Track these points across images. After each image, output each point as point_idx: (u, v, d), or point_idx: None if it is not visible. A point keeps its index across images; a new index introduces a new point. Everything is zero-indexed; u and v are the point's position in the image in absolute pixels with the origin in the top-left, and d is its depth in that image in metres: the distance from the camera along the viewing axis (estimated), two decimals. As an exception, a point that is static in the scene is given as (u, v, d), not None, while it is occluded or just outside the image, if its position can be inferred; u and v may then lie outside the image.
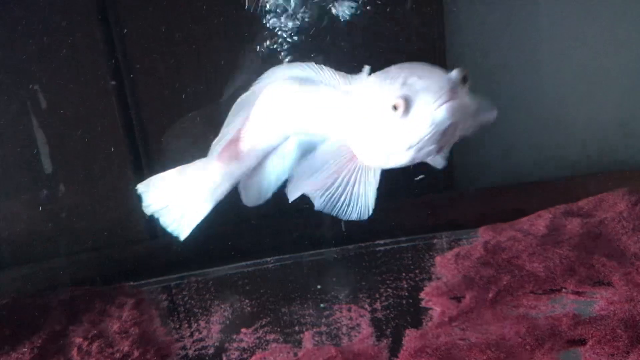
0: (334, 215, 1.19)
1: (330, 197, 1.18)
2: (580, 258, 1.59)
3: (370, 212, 1.18)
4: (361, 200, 1.17)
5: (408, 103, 1.00)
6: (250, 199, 1.45)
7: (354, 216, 1.18)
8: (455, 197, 2.07)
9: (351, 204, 1.17)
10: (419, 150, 1.05)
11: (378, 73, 1.13)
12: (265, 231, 1.92)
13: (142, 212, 1.61)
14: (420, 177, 1.81)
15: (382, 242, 1.86)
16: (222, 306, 1.65)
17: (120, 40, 1.81)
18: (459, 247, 1.76)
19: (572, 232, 1.71)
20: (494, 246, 1.71)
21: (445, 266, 1.68)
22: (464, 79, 1.02)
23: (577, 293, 1.47)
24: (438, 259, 1.73)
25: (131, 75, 1.85)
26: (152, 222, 1.98)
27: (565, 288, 1.49)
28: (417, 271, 1.69)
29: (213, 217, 1.94)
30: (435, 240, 1.85)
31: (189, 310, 1.66)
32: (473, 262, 1.66)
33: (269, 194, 1.42)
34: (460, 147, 2.01)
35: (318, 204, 1.19)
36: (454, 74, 1.02)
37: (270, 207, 1.93)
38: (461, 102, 0.99)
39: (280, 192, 1.89)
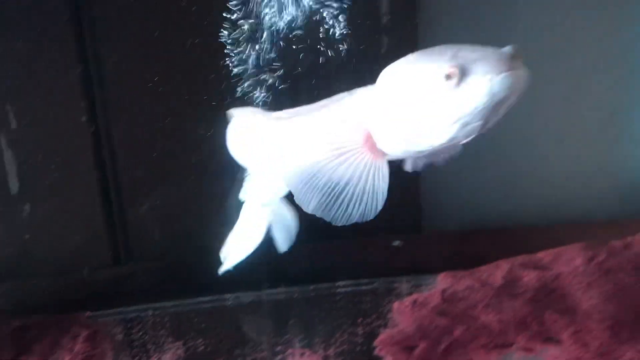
0: (328, 219, 1.05)
1: (331, 197, 1.05)
2: (533, 312, 1.61)
3: (378, 210, 1.05)
4: (369, 197, 1.04)
5: (464, 71, 0.93)
6: None
7: (355, 217, 1.04)
8: (420, 240, 2.10)
9: (357, 204, 1.03)
10: (464, 125, 0.97)
11: (406, 57, 1.05)
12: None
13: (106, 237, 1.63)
14: (397, 243, 1.84)
15: (343, 283, 1.87)
16: (176, 344, 1.64)
17: (95, 68, 1.83)
18: (418, 294, 1.78)
19: (528, 285, 1.74)
20: (452, 295, 1.73)
21: (403, 313, 1.69)
22: (516, 55, 0.96)
23: (527, 349, 1.49)
24: (396, 304, 1.74)
25: (105, 103, 1.86)
26: (115, 248, 2.01)
27: (516, 343, 1.51)
28: (374, 316, 1.70)
29: (173, 247, 1.98)
30: (395, 285, 1.87)
31: (143, 346, 1.64)
32: (429, 310, 1.68)
33: None
34: (429, 189, 2.10)
35: (312, 206, 1.05)
36: (509, 48, 0.96)
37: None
38: (521, 72, 0.93)
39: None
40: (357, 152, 1.06)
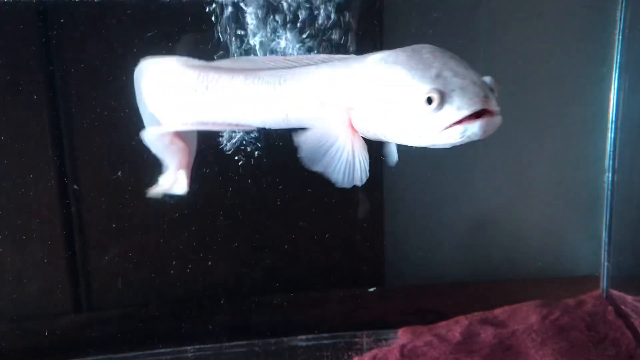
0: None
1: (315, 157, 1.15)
2: (489, 370, 1.65)
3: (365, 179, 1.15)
4: (347, 170, 1.14)
5: (443, 99, 0.98)
6: None
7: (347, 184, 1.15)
8: (383, 293, 2.13)
9: (335, 173, 1.15)
10: (434, 143, 1.05)
11: (398, 52, 1.10)
12: (187, 317, 1.92)
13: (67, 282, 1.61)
14: (372, 289, 1.87)
15: (304, 337, 1.88)
16: (133, 398, 1.62)
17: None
18: (377, 349, 1.80)
19: (484, 342, 1.78)
20: (410, 351, 1.76)
21: (362, 368, 1.71)
22: (494, 86, 1.01)
23: (482, 407, 1.52)
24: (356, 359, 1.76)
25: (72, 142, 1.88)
26: (76, 295, 1.99)
27: (471, 401, 1.54)
28: (334, 372, 1.72)
29: (135, 296, 1.97)
30: (356, 339, 1.89)
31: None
32: (388, 366, 1.70)
33: None
34: (392, 242, 2.15)
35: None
36: (488, 79, 1.01)
37: (195, 291, 1.97)
38: (493, 120, 0.99)
39: (196, 275, 1.94)
40: (341, 126, 1.15)
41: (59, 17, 1.75)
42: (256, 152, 1.76)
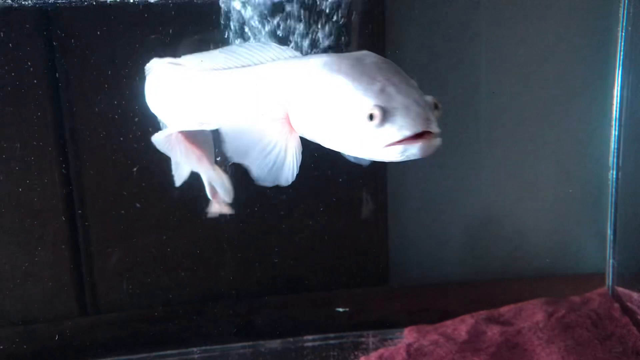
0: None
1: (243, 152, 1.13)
2: (495, 368, 1.65)
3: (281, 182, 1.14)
4: (274, 166, 1.12)
5: (385, 117, 0.96)
6: None
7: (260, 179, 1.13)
8: (387, 293, 2.13)
9: (263, 168, 1.12)
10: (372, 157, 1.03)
11: (342, 59, 1.07)
12: (193, 318, 1.93)
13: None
14: (344, 309, 1.88)
15: (310, 337, 1.88)
16: (141, 399, 1.63)
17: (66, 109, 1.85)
18: (384, 348, 1.80)
19: (491, 340, 1.78)
20: (416, 350, 1.76)
21: (368, 368, 1.71)
22: (436, 105, 1.01)
23: (489, 406, 1.52)
24: (362, 359, 1.76)
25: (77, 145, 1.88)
26: (81, 299, 2.00)
27: (478, 400, 1.54)
28: (340, 372, 1.73)
29: (141, 298, 1.97)
30: (362, 339, 1.89)
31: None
32: (395, 365, 1.70)
33: None
34: (397, 242, 2.15)
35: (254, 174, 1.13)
36: (430, 99, 1.00)
37: (200, 292, 1.98)
38: (432, 141, 0.97)
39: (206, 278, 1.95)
40: (277, 123, 1.12)
41: (63, 21, 1.76)
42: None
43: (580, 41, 2.08)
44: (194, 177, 1.62)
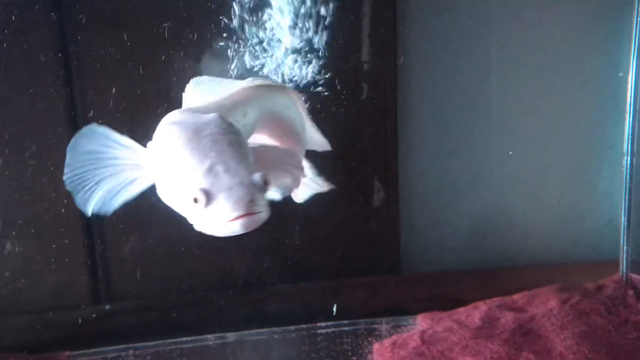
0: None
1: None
2: (509, 354, 1.65)
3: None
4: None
5: (209, 200, 1.02)
6: None
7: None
8: (399, 280, 2.14)
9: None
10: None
11: (182, 127, 1.10)
12: (207, 306, 1.94)
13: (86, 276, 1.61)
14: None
15: (323, 324, 1.89)
16: (157, 384, 1.64)
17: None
18: (397, 335, 1.81)
19: (504, 327, 1.78)
20: (430, 336, 1.76)
21: (382, 354, 1.72)
22: (265, 183, 1.05)
23: (504, 390, 1.52)
24: (376, 346, 1.77)
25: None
26: (95, 287, 2.02)
27: (493, 385, 1.55)
28: (354, 358, 1.73)
29: (154, 287, 1.99)
30: (375, 326, 1.90)
31: (123, 387, 1.64)
32: (408, 351, 1.70)
33: None
34: (408, 230, 2.15)
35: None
36: (258, 177, 1.04)
37: (214, 280, 1.99)
38: (255, 218, 1.03)
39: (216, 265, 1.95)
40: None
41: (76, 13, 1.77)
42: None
43: (593, 27, 2.07)
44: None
